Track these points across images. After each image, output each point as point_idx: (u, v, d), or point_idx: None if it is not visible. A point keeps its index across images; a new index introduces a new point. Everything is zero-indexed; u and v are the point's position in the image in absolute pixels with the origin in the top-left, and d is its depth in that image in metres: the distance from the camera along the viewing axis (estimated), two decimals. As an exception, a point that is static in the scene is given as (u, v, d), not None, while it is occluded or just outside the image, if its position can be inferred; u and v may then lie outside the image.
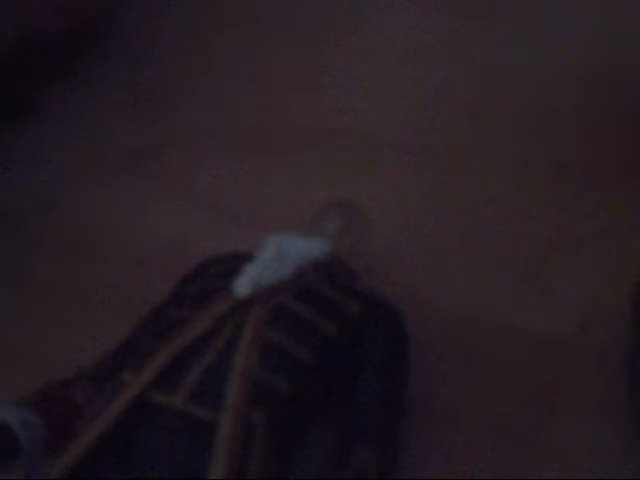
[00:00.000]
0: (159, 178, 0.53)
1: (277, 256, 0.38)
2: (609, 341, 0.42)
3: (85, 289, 0.49)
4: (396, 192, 0.49)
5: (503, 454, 0.40)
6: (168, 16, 0.61)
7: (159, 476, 0.33)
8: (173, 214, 0.51)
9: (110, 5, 0.60)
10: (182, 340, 0.36)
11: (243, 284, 0.37)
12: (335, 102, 0.55)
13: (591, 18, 0.56)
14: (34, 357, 0.46)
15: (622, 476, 0.39)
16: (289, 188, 0.50)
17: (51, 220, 0.52)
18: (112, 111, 0.57)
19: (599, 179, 0.49)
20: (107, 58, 0.59)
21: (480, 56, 0.56)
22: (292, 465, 0.36)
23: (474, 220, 0.48)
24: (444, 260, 0.46)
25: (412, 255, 0.46)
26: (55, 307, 0.48)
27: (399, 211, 0.48)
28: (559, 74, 0.54)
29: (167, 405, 0.34)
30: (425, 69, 0.56)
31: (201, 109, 0.56)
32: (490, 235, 0.48)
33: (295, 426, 0.36)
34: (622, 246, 0.46)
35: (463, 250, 0.47)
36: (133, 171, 0.53)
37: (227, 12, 0.61)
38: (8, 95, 0.56)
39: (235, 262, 0.39)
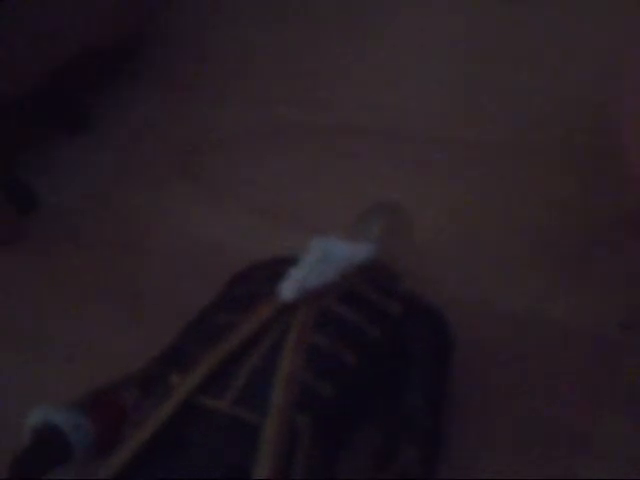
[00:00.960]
0: (204, 180, 0.54)
1: (321, 259, 0.38)
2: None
3: (125, 289, 0.50)
4: (442, 190, 0.50)
5: (548, 453, 0.40)
6: (211, 23, 0.62)
7: (207, 477, 0.33)
8: (217, 216, 0.51)
9: (156, 14, 0.60)
10: (229, 344, 0.36)
11: (288, 288, 0.37)
12: (378, 98, 0.55)
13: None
14: (69, 348, 0.47)
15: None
16: (334, 189, 0.51)
17: (95, 216, 0.53)
18: (159, 117, 0.57)
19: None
20: (154, 65, 0.60)
21: (519, 48, 0.56)
22: (337, 467, 0.36)
23: (518, 217, 0.48)
24: (489, 260, 0.46)
25: (456, 256, 0.46)
26: (92, 304, 0.49)
27: (444, 211, 0.48)
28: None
29: (214, 408, 0.35)
30: (461, 63, 0.56)
31: (244, 111, 0.56)
32: (534, 232, 0.47)
33: (340, 429, 0.36)
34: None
35: (507, 250, 0.47)
36: (179, 174, 0.54)
37: (263, 16, 0.61)
38: (67, 106, 0.57)
39: (280, 266, 0.39)
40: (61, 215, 0.54)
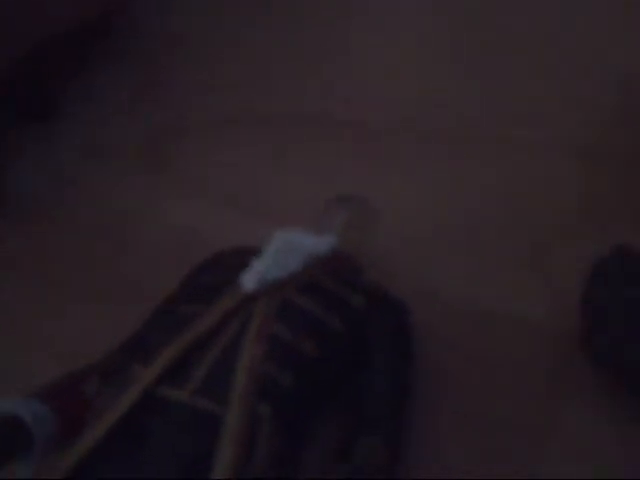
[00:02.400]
0: (174, 168, 0.53)
1: (283, 251, 0.39)
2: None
3: (94, 273, 0.50)
4: (410, 184, 0.50)
5: (507, 445, 0.40)
6: (181, 8, 0.61)
7: (167, 467, 0.34)
8: (186, 204, 0.51)
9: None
10: (190, 335, 0.36)
11: (250, 279, 0.38)
12: (346, 92, 0.55)
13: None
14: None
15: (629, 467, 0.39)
16: (304, 180, 0.51)
17: (64, 201, 0.53)
18: (127, 103, 0.57)
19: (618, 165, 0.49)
20: (123, 51, 0.59)
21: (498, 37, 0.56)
22: (300, 456, 0.36)
23: (481, 209, 0.49)
24: (451, 252, 0.47)
25: (420, 248, 0.46)
26: (64, 290, 0.49)
27: (409, 203, 0.49)
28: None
29: (174, 399, 0.35)
30: (434, 57, 0.56)
31: (215, 101, 0.56)
32: (496, 225, 0.48)
33: (301, 418, 0.36)
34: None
35: (470, 242, 0.47)
36: (148, 161, 0.54)
37: (241, 3, 0.61)
38: (34, 92, 0.57)
39: (243, 257, 0.39)
40: (30, 200, 0.54)
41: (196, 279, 0.41)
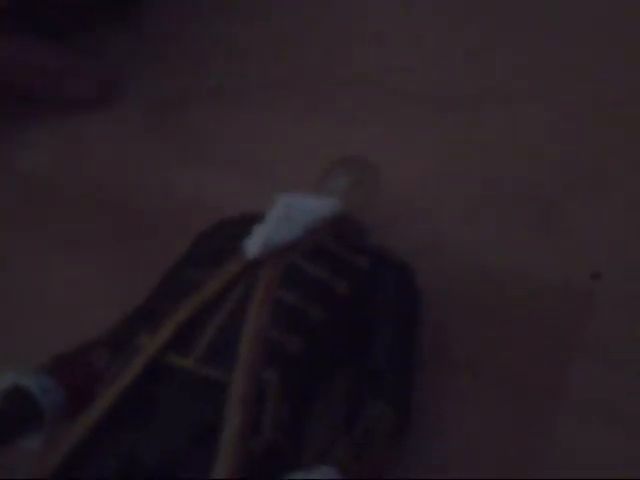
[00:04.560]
0: (179, 132, 0.53)
1: (286, 215, 0.38)
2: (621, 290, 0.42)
3: (100, 242, 0.49)
4: (411, 143, 0.49)
5: (517, 407, 0.40)
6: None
7: (176, 435, 0.34)
8: (192, 170, 0.51)
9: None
10: (195, 302, 0.36)
11: (253, 245, 0.37)
12: (349, 52, 0.55)
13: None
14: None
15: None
16: (308, 143, 0.50)
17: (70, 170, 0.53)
18: (141, 63, 0.57)
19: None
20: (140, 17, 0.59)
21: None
22: (308, 423, 0.36)
23: (492, 170, 0.48)
24: (458, 210, 0.46)
25: (425, 207, 0.46)
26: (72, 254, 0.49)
27: (413, 162, 0.48)
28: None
29: (180, 367, 0.35)
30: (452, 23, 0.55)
31: (224, 64, 0.56)
32: (508, 184, 0.47)
33: (308, 384, 0.36)
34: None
35: (479, 203, 0.47)
36: (155, 125, 0.53)
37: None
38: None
39: (247, 222, 0.39)
40: (35, 170, 0.53)
41: (199, 247, 0.41)
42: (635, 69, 0.51)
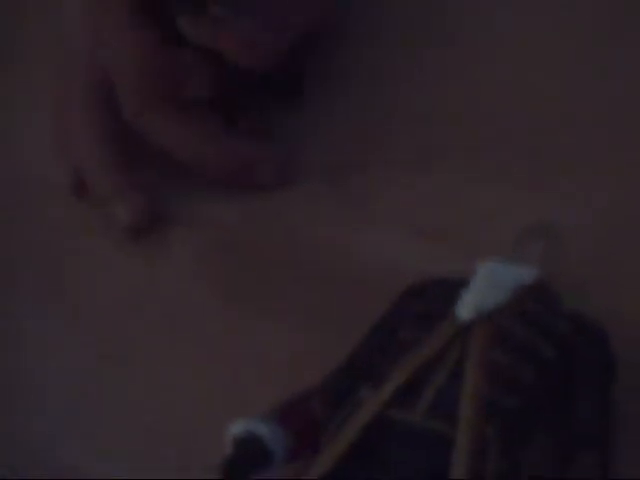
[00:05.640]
0: (360, 195, 0.56)
1: (492, 282, 0.42)
2: None
3: (284, 300, 0.53)
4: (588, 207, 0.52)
5: None
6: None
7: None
8: (370, 232, 0.54)
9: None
10: (414, 361, 0.40)
11: (465, 310, 0.41)
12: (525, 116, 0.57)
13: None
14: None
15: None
16: (493, 207, 0.53)
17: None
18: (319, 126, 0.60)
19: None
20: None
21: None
22: (520, 475, 0.39)
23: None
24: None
25: (609, 273, 0.49)
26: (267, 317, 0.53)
27: (589, 219, 0.51)
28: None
29: (406, 420, 0.38)
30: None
31: (399, 128, 0.58)
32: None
33: (521, 438, 0.39)
34: None
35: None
36: (335, 187, 0.57)
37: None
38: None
39: (451, 287, 0.42)
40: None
41: (407, 306, 0.44)
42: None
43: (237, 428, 0.40)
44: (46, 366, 0.53)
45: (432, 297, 0.43)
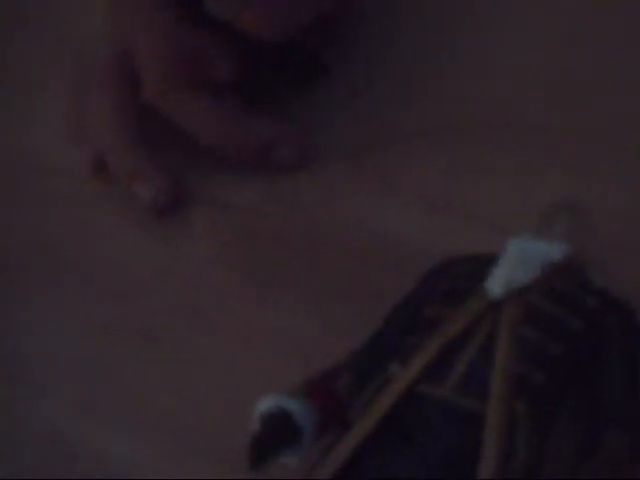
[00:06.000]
0: (382, 171, 0.56)
1: (522, 258, 0.41)
2: None
3: (305, 279, 0.53)
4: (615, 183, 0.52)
5: None
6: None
7: (435, 463, 0.37)
8: (396, 209, 0.54)
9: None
10: (444, 337, 0.39)
11: (496, 286, 0.40)
12: (547, 95, 0.57)
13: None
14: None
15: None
16: (511, 185, 0.53)
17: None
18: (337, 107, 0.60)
19: None
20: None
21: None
22: (546, 451, 0.39)
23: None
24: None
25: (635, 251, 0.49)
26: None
27: (617, 202, 0.51)
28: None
29: (436, 396, 0.38)
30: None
31: (415, 105, 0.58)
32: None
33: (549, 415, 0.39)
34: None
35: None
36: (353, 166, 0.57)
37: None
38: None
39: (479, 264, 0.42)
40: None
41: (435, 284, 0.44)
42: None
43: (265, 404, 0.40)
44: (62, 345, 0.54)
45: (459, 274, 0.43)
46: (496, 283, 0.40)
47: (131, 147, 0.56)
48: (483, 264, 0.42)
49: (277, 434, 0.39)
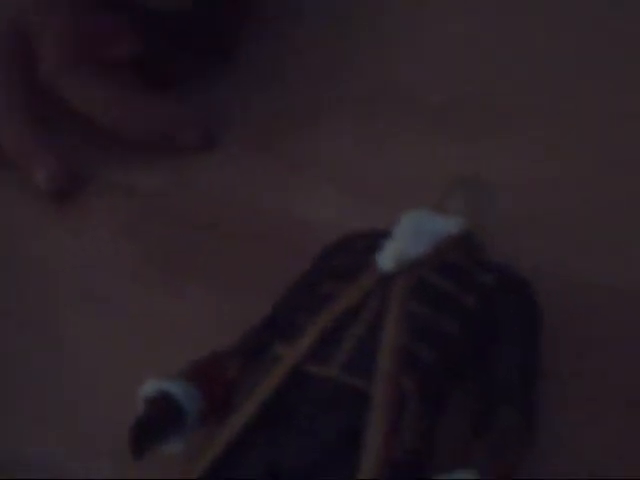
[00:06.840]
0: (289, 152, 0.54)
1: (415, 232, 0.40)
2: None
3: (209, 263, 0.51)
4: (522, 159, 0.51)
5: (632, 419, 0.41)
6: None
7: (314, 443, 0.35)
8: (302, 190, 0.52)
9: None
10: (332, 313, 0.38)
11: (387, 260, 0.39)
12: (456, 72, 0.56)
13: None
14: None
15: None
16: (417, 163, 0.52)
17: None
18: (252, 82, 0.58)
19: None
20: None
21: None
22: (438, 430, 0.38)
23: (603, 183, 0.49)
24: (570, 229, 0.47)
25: (537, 225, 0.47)
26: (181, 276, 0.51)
27: (523, 181, 0.50)
28: None
29: (322, 375, 0.37)
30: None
31: (326, 85, 0.57)
32: (622, 196, 0.48)
33: (440, 392, 0.38)
34: None
35: (590, 218, 0.48)
36: (264, 145, 0.55)
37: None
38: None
39: (375, 239, 0.41)
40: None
41: (329, 260, 0.42)
42: None
43: (149, 388, 0.38)
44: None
45: (354, 250, 0.42)
46: (387, 257, 0.39)
47: (24, 129, 0.53)
48: (379, 238, 0.41)
49: (159, 418, 0.37)
